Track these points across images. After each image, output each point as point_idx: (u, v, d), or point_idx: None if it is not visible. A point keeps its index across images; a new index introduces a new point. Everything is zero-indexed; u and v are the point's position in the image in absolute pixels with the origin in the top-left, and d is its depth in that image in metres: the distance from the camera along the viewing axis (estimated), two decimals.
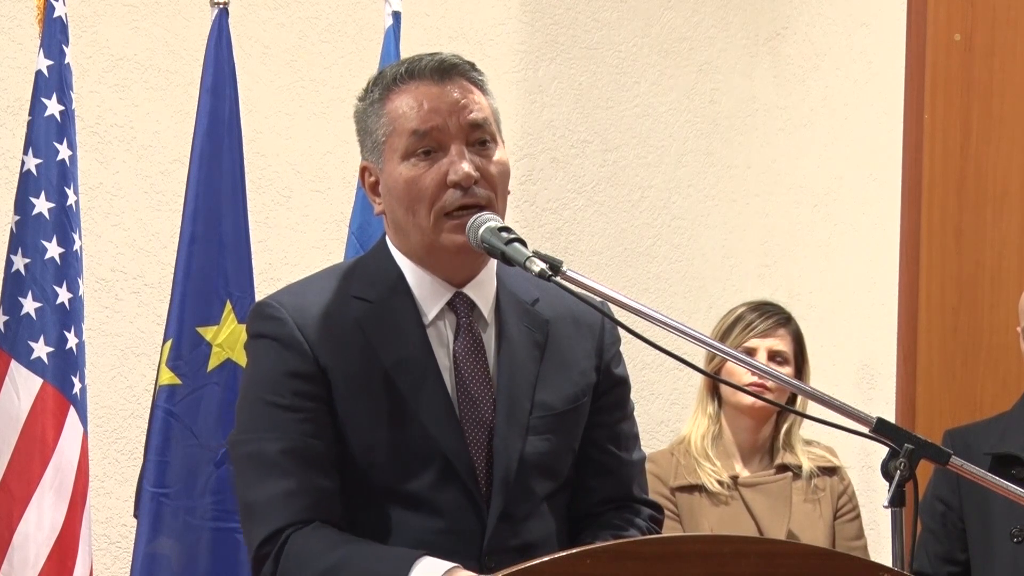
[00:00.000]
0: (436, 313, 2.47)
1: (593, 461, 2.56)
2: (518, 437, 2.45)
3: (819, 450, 4.00)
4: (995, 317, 4.70)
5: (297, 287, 2.55)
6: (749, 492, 3.90)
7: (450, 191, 2.41)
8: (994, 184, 4.81)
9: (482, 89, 2.49)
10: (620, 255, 4.94)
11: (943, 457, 2.27)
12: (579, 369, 2.54)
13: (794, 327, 3.99)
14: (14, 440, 3.43)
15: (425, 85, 2.45)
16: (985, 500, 3.72)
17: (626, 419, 2.61)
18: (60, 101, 3.52)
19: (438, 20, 4.65)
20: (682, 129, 5.08)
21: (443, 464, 2.42)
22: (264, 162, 4.34)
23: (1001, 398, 4.26)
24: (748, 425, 3.95)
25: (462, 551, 2.39)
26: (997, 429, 3.82)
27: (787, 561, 2.11)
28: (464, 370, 2.46)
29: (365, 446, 2.43)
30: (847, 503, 3.99)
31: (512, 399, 2.47)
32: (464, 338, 2.47)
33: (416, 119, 2.43)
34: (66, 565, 3.44)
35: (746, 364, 2.65)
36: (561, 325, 2.53)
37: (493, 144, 2.46)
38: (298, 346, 2.42)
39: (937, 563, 3.82)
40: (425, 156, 2.43)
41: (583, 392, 2.53)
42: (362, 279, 2.50)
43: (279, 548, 2.38)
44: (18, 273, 3.48)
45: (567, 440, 2.52)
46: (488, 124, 2.46)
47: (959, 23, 4.81)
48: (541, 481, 2.48)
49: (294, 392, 2.42)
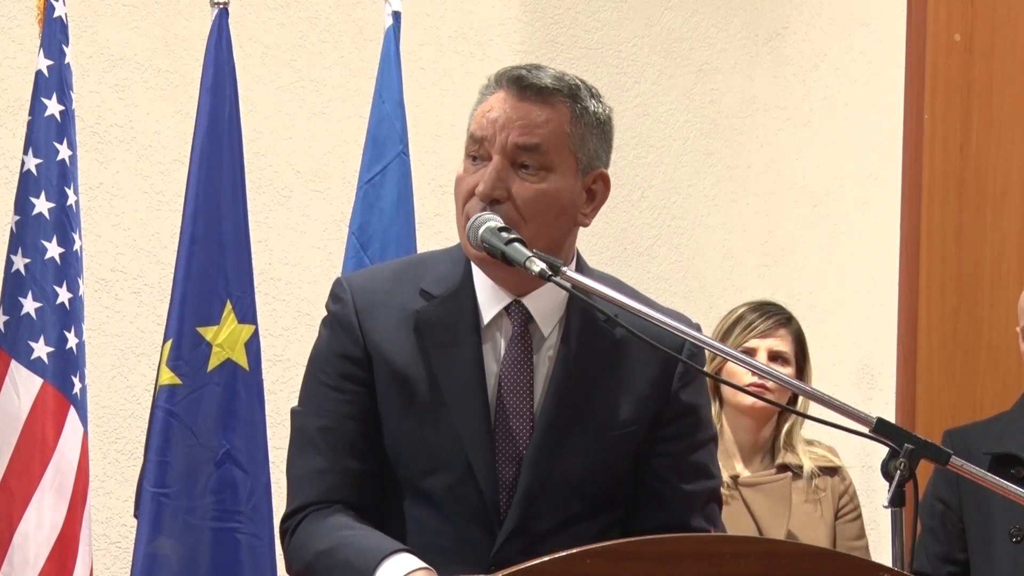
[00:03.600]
0: (492, 318, 2.47)
1: (651, 490, 2.51)
2: (553, 454, 2.43)
3: (820, 450, 4.00)
4: (995, 317, 4.71)
5: (375, 270, 2.64)
6: (749, 492, 3.90)
7: (473, 199, 2.43)
8: (994, 184, 4.81)
9: (571, 116, 2.45)
10: (620, 255, 4.94)
11: (943, 457, 2.27)
12: (640, 395, 2.49)
13: (795, 327, 3.99)
14: (14, 440, 3.43)
15: (503, 94, 2.45)
16: (985, 500, 3.72)
17: (694, 450, 2.52)
18: (60, 101, 3.52)
19: (438, 20, 4.65)
20: (682, 129, 5.08)
21: (464, 469, 2.42)
22: (264, 162, 4.33)
23: (1001, 398, 4.26)
24: (748, 425, 3.95)
25: (470, 559, 2.40)
26: (996, 429, 3.82)
27: (787, 561, 2.11)
28: (507, 380, 2.45)
29: (395, 437, 2.45)
30: (848, 503, 3.98)
31: (555, 416, 2.44)
32: (514, 348, 2.46)
33: (478, 124, 2.45)
34: (66, 565, 3.44)
35: (746, 364, 2.65)
36: (634, 346, 2.47)
37: (543, 171, 2.43)
38: (350, 329, 2.47)
39: (936, 563, 3.82)
40: (475, 161, 2.45)
41: (638, 418, 2.48)
42: (433, 274, 2.51)
43: (297, 524, 2.45)
44: (18, 273, 3.48)
45: (608, 463, 2.47)
46: (541, 151, 2.42)
47: (959, 23, 4.81)
48: (570, 501, 2.45)
49: (340, 373, 2.47)
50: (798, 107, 5.27)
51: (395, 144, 3.89)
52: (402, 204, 3.88)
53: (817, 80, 5.30)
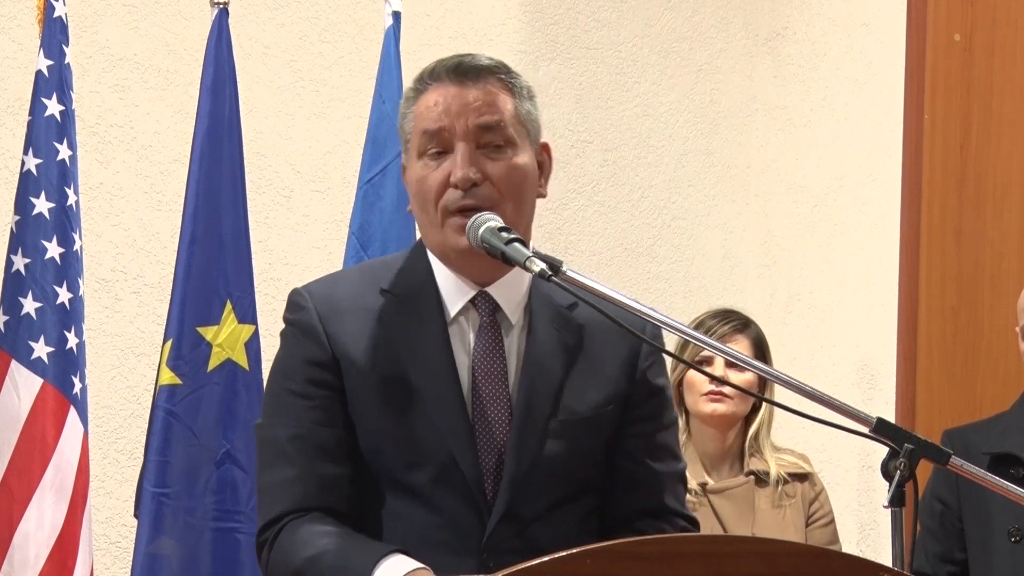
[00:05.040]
0: (459, 310, 2.49)
1: (624, 472, 2.54)
2: (534, 439, 2.45)
3: (791, 456, 4.03)
4: (995, 317, 4.71)
5: (332, 277, 2.61)
6: (716, 498, 3.93)
7: (450, 191, 2.43)
8: (994, 184, 4.81)
9: (512, 91, 2.49)
10: (620, 255, 4.94)
11: (943, 457, 2.27)
12: (609, 377, 2.52)
13: (754, 332, 4.01)
14: (14, 440, 3.43)
15: (444, 86, 2.47)
16: (983, 500, 3.73)
17: (662, 430, 2.57)
18: (60, 101, 3.52)
19: (438, 20, 4.65)
20: (682, 129, 5.08)
21: (447, 460, 2.43)
22: (264, 162, 4.34)
23: (1001, 398, 4.25)
24: (712, 434, 3.97)
25: (461, 548, 2.41)
26: (996, 429, 3.82)
27: (787, 561, 2.11)
28: (480, 369, 2.47)
29: (373, 436, 2.45)
30: (819, 509, 4.00)
31: (532, 401, 2.46)
32: (484, 337, 2.48)
33: (428, 119, 2.46)
34: (66, 565, 3.44)
35: (748, 365, 2.64)
36: (597, 331, 2.51)
37: (510, 148, 2.46)
38: (315, 334, 2.47)
39: (935, 563, 3.82)
40: (436, 156, 2.45)
41: (609, 400, 2.51)
42: (394, 273, 2.53)
43: (275, 535, 2.43)
44: (18, 273, 3.48)
45: (587, 446, 2.50)
46: (503, 127, 2.46)
47: (959, 23, 4.82)
48: (554, 485, 2.47)
49: (308, 380, 2.46)
50: (798, 107, 5.27)
51: (395, 144, 3.89)
52: (402, 204, 3.88)
53: (817, 80, 5.30)
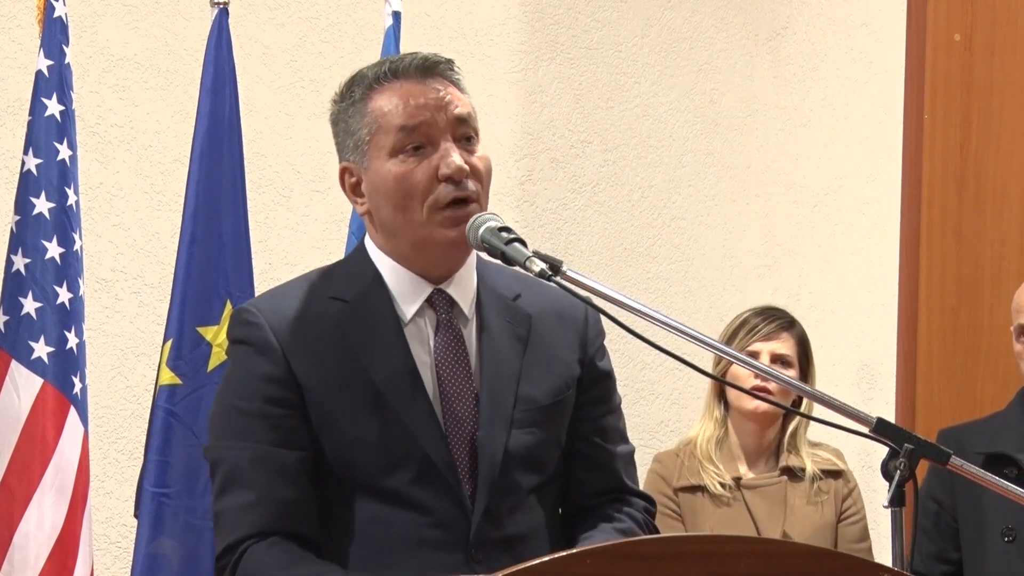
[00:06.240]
0: (415, 310, 2.48)
1: (582, 455, 2.58)
2: (502, 431, 2.46)
3: (825, 453, 4.04)
4: (995, 317, 4.70)
5: (275, 291, 2.56)
6: (750, 494, 3.94)
7: (442, 185, 2.42)
8: (994, 184, 4.80)
9: (459, 87, 2.52)
10: (620, 255, 4.95)
11: (943, 457, 2.27)
12: (563, 362, 2.55)
13: (798, 331, 4.03)
14: (14, 440, 3.43)
15: (409, 83, 2.47)
16: (978, 499, 3.73)
17: (611, 413, 2.62)
18: (60, 101, 3.52)
19: (438, 20, 4.65)
20: (682, 129, 5.08)
21: (423, 461, 2.42)
22: (264, 162, 4.34)
23: (1001, 398, 4.25)
24: (752, 429, 3.99)
25: (449, 544, 2.42)
26: (990, 429, 3.83)
27: (787, 561, 2.11)
28: (444, 367, 2.47)
29: (345, 445, 2.42)
30: (852, 506, 4.01)
31: (495, 394, 2.47)
32: (444, 335, 2.48)
33: (403, 115, 2.44)
34: (66, 565, 3.44)
35: (747, 364, 2.65)
36: (544, 319, 2.55)
37: (476, 140, 2.49)
38: (271, 350, 2.43)
39: (930, 562, 3.83)
40: (415, 152, 2.44)
41: (567, 385, 2.54)
42: (340, 280, 2.51)
43: (235, 561, 2.39)
44: (18, 273, 3.48)
45: (552, 433, 2.53)
46: (472, 120, 2.49)
47: (959, 23, 4.81)
48: (526, 474, 2.49)
49: (264, 398, 2.41)
50: (798, 107, 5.27)
51: None
52: None
53: (817, 80, 5.30)
